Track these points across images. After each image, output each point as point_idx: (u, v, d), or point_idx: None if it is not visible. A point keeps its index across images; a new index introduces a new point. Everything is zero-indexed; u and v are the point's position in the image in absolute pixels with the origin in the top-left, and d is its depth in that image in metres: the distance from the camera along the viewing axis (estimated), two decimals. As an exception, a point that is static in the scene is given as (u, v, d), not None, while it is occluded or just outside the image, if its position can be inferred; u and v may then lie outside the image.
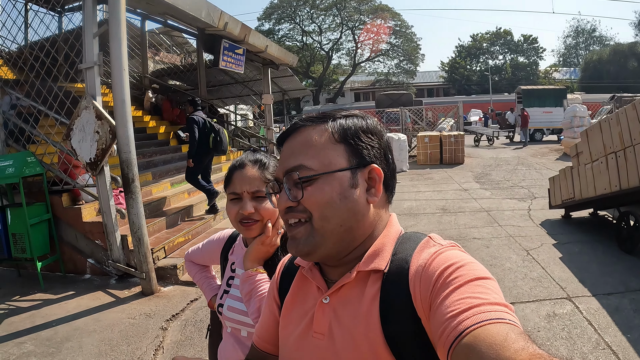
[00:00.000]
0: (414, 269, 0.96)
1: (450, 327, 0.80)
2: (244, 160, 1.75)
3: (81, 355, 4.39)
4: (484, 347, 0.72)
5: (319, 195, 1.00)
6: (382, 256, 1.03)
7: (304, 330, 1.10)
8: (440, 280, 0.89)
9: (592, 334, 4.32)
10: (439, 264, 0.92)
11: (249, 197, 1.69)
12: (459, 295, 0.84)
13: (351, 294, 1.04)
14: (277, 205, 1.09)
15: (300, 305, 1.16)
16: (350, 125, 1.07)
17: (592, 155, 7.08)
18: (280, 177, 1.07)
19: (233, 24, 10.10)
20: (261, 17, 50.08)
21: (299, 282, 1.20)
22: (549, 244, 7.11)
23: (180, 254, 6.93)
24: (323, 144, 1.04)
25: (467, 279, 0.87)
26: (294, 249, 1.05)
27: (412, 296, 0.93)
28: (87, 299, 5.85)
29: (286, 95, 20.71)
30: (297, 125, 1.10)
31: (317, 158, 1.03)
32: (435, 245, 1.01)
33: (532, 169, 14.99)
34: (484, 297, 0.83)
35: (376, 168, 1.05)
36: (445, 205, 10.29)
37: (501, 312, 0.80)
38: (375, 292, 0.99)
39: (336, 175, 1.01)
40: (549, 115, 24.95)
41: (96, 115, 5.94)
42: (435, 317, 0.86)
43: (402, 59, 51.28)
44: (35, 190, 6.80)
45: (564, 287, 5.43)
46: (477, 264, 0.92)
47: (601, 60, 49.09)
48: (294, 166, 1.03)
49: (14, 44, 8.55)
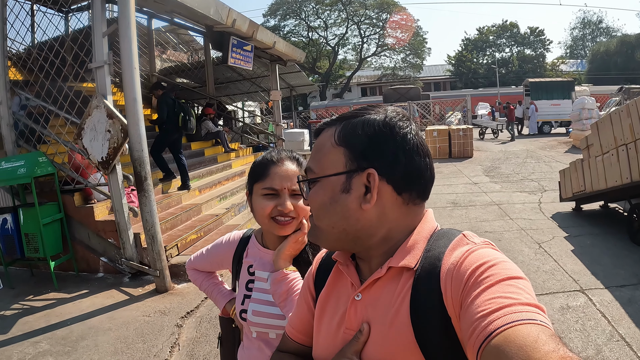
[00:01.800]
0: (445, 267, 0.95)
1: (480, 327, 0.79)
2: (282, 155, 1.69)
3: (97, 354, 4.41)
4: (514, 348, 0.72)
5: (313, 198, 1.07)
6: (413, 253, 1.02)
7: (337, 326, 1.11)
8: (471, 280, 0.88)
9: (606, 326, 4.33)
10: (470, 262, 0.92)
11: (288, 193, 1.64)
12: (490, 295, 0.83)
13: (383, 291, 1.03)
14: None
15: (334, 300, 1.16)
16: (354, 128, 1.05)
17: (602, 147, 7.05)
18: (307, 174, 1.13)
19: (241, 20, 10.09)
20: (267, 14, 50.03)
21: (334, 276, 1.20)
22: (561, 236, 7.10)
23: (193, 251, 6.91)
24: (327, 147, 1.06)
25: (499, 279, 0.86)
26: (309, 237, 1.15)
27: (443, 295, 0.92)
28: (101, 297, 5.87)
29: (294, 91, 20.72)
30: (320, 128, 1.13)
31: (319, 162, 1.07)
32: (468, 243, 1.00)
33: (541, 162, 14.94)
34: (515, 297, 0.82)
35: (372, 173, 1.00)
36: (455, 199, 10.28)
37: (533, 312, 0.79)
38: (406, 290, 0.99)
39: (330, 180, 1.04)
40: (557, 108, 24.81)
41: (107, 114, 5.96)
42: (465, 317, 0.85)
43: (408, 53, 51.11)
44: (47, 190, 6.83)
45: (577, 280, 5.44)
46: (510, 263, 0.92)
47: (608, 51, 48.69)
48: (305, 168, 1.13)
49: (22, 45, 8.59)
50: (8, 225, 6.36)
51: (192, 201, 8.87)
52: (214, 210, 8.88)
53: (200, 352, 4.43)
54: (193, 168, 10.72)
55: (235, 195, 10.10)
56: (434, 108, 22.04)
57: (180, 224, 7.72)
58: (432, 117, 21.27)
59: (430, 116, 21.31)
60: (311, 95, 48.13)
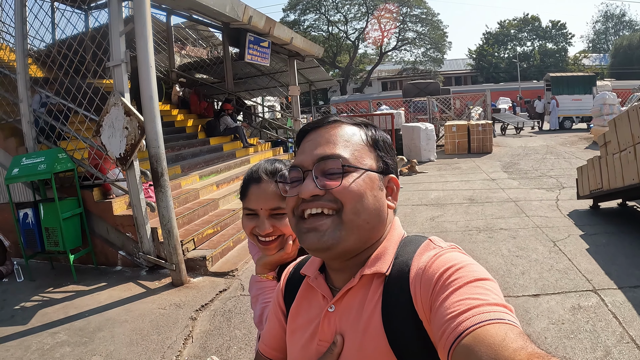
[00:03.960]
0: (414, 271, 0.98)
1: (450, 328, 0.81)
2: (260, 172, 1.58)
3: (113, 345, 4.53)
4: (483, 347, 0.74)
5: (354, 187, 1.00)
6: (384, 259, 1.04)
7: (309, 339, 1.12)
8: (440, 282, 0.90)
9: (617, 327, 4.25)
10: (438, 266, 0.94)
11: (266, 214, 1.54)
12: (458, 297, 0.85)
13: (355, 299, 1.05)
14: (300, 192, 1.03)
15: (305, 313, 1.17)
16: (380, 136, 1.12)
17: (620, 144, 6.93)
18: (306, 165, 1.05)
19: (257, 17, 10.15)
20: (286, 8, 49.92)
21: (304, 291, 1.21)
22: (576, 235, 7.00)
23: (210, 245, 7.04)
24: (359, 142, 1.07)
25: (467, 281, 0.88)
26: (316, 240, 1.01)
27: (412, 299, 0.95)
28: (118, 290, 6.00)
29: (313, 86, 20.72)
30: (330, 119, 1.11)
31: (353, 154, 1.04)
32: (435, 247, 1.02)
33: (561, 158, 14.75)
34: (483, 298, 0.84)
35: (395, 179, 1.10)
36: (472, 195, 10.22)
37: (500, 312, 0.81)
38: (377, 296, 1.01)
39: (370, 174, 1.04)
40: (579, 103, 24.39)
41: (125, 111, 6.07)
42: (435, 319, 0.87)
43: (429, 47, 50.66)
44: (67, 185, 6.98)
45: (590, 279, 5.35)
46: (477, 265, 0.94)
47: (631, 45, 47.59)
48: (330, 154, 1.03)
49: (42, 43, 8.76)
50: (29, 220, 6.53)
51: (210, 196, 8.97)
52: (231, 205, 8.96)
53: (213, 345, 4.51)
54: (211, 163, 10.86)
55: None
56: (455, 103, 21.82)
57: (197, 218, 7.82)
58: (452, 112, 21.07)
59: (451, 111, 21.11)
60: (332, 90, 47.97)
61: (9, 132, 7.71)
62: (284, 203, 1.46)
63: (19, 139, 7.46)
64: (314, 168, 1.03)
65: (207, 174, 9.98)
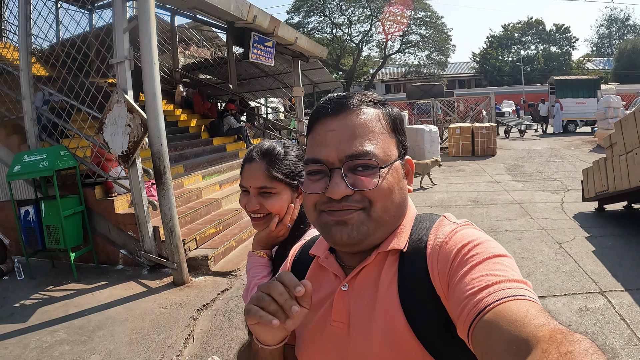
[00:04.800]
0: (430, 247, 0.96)
1: (471, 305, 0.80)
2: (253, 152, 1.67)
3: (113, 343, 4.49)
4: (505, 323, 0.73)
5: (385, 185, 0.97)
6: (400, 237, 1.02)
7: (322, 320, 1.08)
8: (458, 258, 0.89)
9: (625, 330, 4.22)
10: (456, 241, 0.93)
11: (254, 192, 1.63)
12: (477, 273, 0.84)
13: (369, 277, 1.02)
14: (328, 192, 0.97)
15: (315, 294, 1.08)
16: (396, 114, 1.07)
17: (626, 146, 6.90)
18: (332, 161, 0.99)
19: (262, 16, 10.13)
20: (290, 10, 50.02)
21: (314, 271, 1.18)
22: (582, 237, 6.97)
23: (212, 245, 7.01)
24: (382, 131, 1.02)
25: (485, 257, 0.87)
26: (344, 235, 0.98)
27: (430, 274, 0.93)
28: (119, 289, 5.97)
29: (317, 87, 20.77)
30: (352, 104, 1.03)
31: (380, 147, 1.00)
32: (450, 223, 1.01)
33: (565, 161, 14.70)
34: (502, 274, 0.83)
35: (410, 160, 1.08)
36: (476, 197, 10.18)
37: (521, 289, 0.80)
38: (393, 273, 0.99)
39: (396, 165, 1.01)
40: (583, 106, 24.35)
41: (128, 108, 6.05)
42: (454, 295, 0.86)
43: (432, 50, 50.64)
44: (69, 183, 6.96)
45: (597, 281, 5.32)
46: (494, 242, 0.92)
47: (635, 49, 47.57)
48: (361, 152, 0.97)
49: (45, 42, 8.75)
50: (30, 217, 6.51)
51: (212, 195, 8.94)
52: (233, 205, 8.92)
53: (214, 344, 4.47)
54: (214, 163, 10.86)
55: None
56: (458, 106, 21.80)
57: (199, 218, 7.79)
58: (455, 115, 21.04)
59: (454, 114, 21.09)
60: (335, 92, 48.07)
61: (11, 129, 7.72)
62: (270, 183, 1.58)
63: (22, 137, 7.45)
64: (344, 166, 0.97)
65: (210, 174, 9.97)
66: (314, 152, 1.02)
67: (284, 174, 1.60)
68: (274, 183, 1.60)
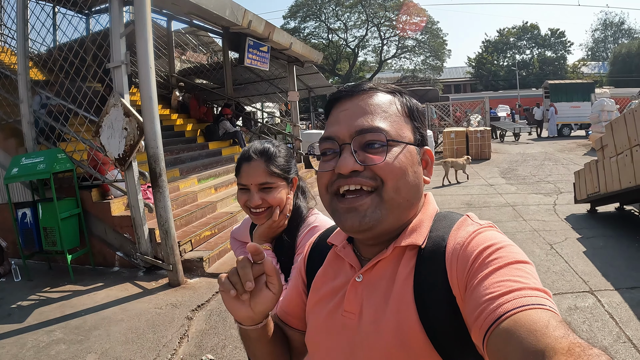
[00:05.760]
0: (451, 246, 0.94)
1: (489, 310, 0.78)
2: (250, 152, 1.81)
3: (109, 343, 4.55)
4: (524, 332, 0.71)
5: (396, 164, 0.96)
6: (419, 232, 1.00)
7: (333, 309, 1.08)
8: (478, 260, 0.87)
9: (613, 327, 4.28)
10: (477, 243, 0.91)
11: (256, 189, 1.76)
12: (498, 278, 0.82)
13: (385, 271, 1.01)
14: (337, 167, 0.98)
15: (330, 283, 1.13)
16: (414, 104, 1.07)
17: (617, 148, 6.96)
18: (343, 137, 1.00)
19: (257, 22, 10.22)
20: (287, 15, 50.17)
21: (330, 261, 1.18)
22: (573, 238, 7.04)
23: (207, 247, 7.07)
24: (396, 113, 1.02)
25: (507, 262, 0.85)
26: (356, 222, 0.97)
27: (447, 274, 0.91)
28: (115, 290, 6.03)
29: (312, 92, 20.78)
30: (366, 87, 1.05)
31: (392, 126, 0.99)
32: (473, 224, 0.99)
33: (559, 164, 14.81)
34: (524, 281, 0.80)
35: (429, 151, 1.06)
36: (470, 200, 10.26)
37: (542, 298, 0.78)
38: (410, 269, 0.97)
39: (409, 148, 1.00)
40: (577, 110, 24.48)
41: (124, 112, 6.12)
42: (471, 298, 0.84)
43: (428, 55, 50.84)
44: (66, 185, 7.01)
45: (587, 281, 5.38)
46: (516, 247, 0.90)
47: (630, 53, 47.60)
48: (371, 126, 0.98)
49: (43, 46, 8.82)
50: (27, 219, 6.57)
51: (208, 199, 9.01)
52: (229, 208, 9.01)
53: (208, 343, 4.53)
54: (210, 167, 10.89)
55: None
56: (454, 110, 21.88)
57: (195, 220, 7.86)
58: (450, 119, 21.12)
59: (449, 118, 21.16)
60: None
61: (9, 132, 7.77)
62: (270, 178, 1.72)
63: (19, 140, 7.51)
64: (353, 141, 0.98)
65: (206, 177, 10.03)
66: (327, 131, 1.04)
67: (280, 169, 1.78)
68: (273, 178, 1.77)
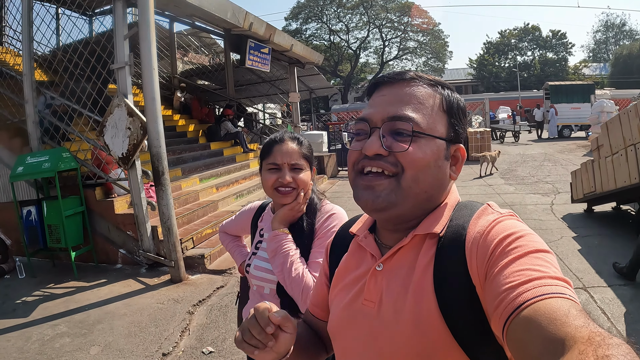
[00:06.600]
0: (471, 235, 0.95)
1: (509, 299, 0.78)
2: (284, 135, 1.95)
3: (112, 336, 4.67)
4: (545, 321, 0.71)
5: (420, 155, 0.98)
6: (438, 221, 1.02)
7: (354, 298, 1.10)
8: (498, 249, 0.87)
9: (605, 322, 4.34)
10: (497, 232, 0.91)
11: (288, 167, 1.88)
12: (518, 266, 0.82)
13: (405, 259, 1.03)
14: (364, 148, 1.02)
15: (352, 272, 1.15)
16: (456, 100, 1.08)
17: (612, 147, 7.04)
18: (375, 121, 1.03)
19: (258, 24, 10.33)
20: (288, 17, 50.24)
21: (353, 250, 1.20)
22: (569, 236, 7.11)
23: (208, 244, 7.19)
24: (432, 106, 1.03)
25: (527, 250, 0.85)
26: (370, 199, 1.00)
27: (467, 263, 0.92)
28: (118, 286, 6.15)
29: (313, 93, 20.83)
30: (408, 76, 1.06)
31: (425, 118, 1.00)
32: (493, 212, 1.00)
33: (558, 165, 14.88)
34: (544, 270, 0.81)
35: (462, 149, 1.07)
36: (468, 200, 10.27)
37: (562, 287, 0.78)
38: (430, 257, 0.98)
39: (437, 142, 1.01)
40: (577, 111, 24.50)
41: (128, 112, 6.24)
42: (491, 287, 0.84)
43: (430, 57, 50.90)
44: (70, 184, 7.10)
45: (580, 278, 5.45)
46: (537, 236, 0.90)
47: (631, 55, 47.24)
48: (402, 115, 0.99)
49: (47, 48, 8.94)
50: (32, 217, 6.68)
51: (209, 198, 9.12)
52: (230, 207, 9.12)
53: (209, 337, 4.65)
54: (212, 167, 11.01)
55: (252, 193, 10.32)
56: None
57: (196, 219, 7.97)
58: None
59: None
60: (333, 99, 48.14)
61: (14, 132, 7.88)
62: (301, 160, 1.88)
63: (24, 139, 7.62)
64: (383, 126, 1.01)
65: (207, 177, 10.15)
66: (363, 113, 1.07)
67: (309, 153, 1.95)
68: (303, 161, 1.91)
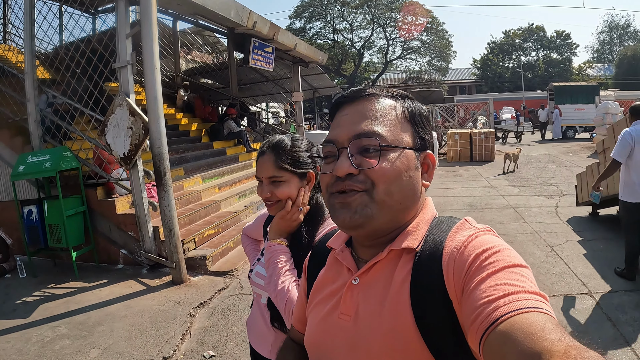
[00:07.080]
0: (448, 250, 0.95)
1: (486, 313, 0.78)
2: (264, 146, 1.89)
3: (112, 338, 4.62)
4: (521, 335, 0.72)
5: (389, 168, 0.98)
6: (415, 235, 1.01)
7: (330, 311, 1.09)
8: (475, 264, 0.88)
9: (610, 329, 4.31)
10: (474, 247, 0.91)
11: (267, 182, 1.83)
12: (495, 281, 0.82)
13: (382, 274, 1.02)
14: (334, 170, 1.01)
15: (329, 286, 1.15)
16: (417, 109, 1.08)
17: (618, 150, 6.98)
18: (342, 141, 1.03)
19: (262, 23, 10.29)
20: (292, 16, 50.17)
21: (330, 264, 1.20)
22: (574, 240, 7.06)
23: (210, 245, 7.14)
24: (396, 118, 1.03)
25: (504, 265, 0.85)
26: (347, 216, 1.00)
27: (444, 277, 0.92)
28: (119, 287, 6.10)
29: (317, 92, 20.83)
30: (366, 92, 1.06)
31: (390, 131, 1.01)
32: (471, 228, 1.00)
33: (562, 167, 14.82)
34: (520, 284, 0.81)
35: (431, 155, 1.07)
36: (472, 201, 10.28)
37: (538, 301, 0.78)
38: (406, 272, 0.98)
39: (406, 153, 1.01)
40: (582, 112, 24.39)
41: (130, 111, 6.18)
42: (468, 301, 0.84)
43: (433, 56, 50.73)
44: (71, 183, 7.08)
45: (586, 283, 5.40)
46: (513, 251, 0.91)
47: (636, 56, 47.22)
48: (368, 131, 1.00)
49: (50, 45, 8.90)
50: (33, 216, 6.64)
51: (212, 198, 9.07)
52: (232, 207, 9.07)
53: (210, 340, 4.60)
54: (214, 166, 10.95)
55: (254, 193, 10.16)
56: (459, 112, 21.88)
57: (199, 219, 7.92)
58: (455, 121, 21.13)
59: (454, 120, 21.17)
60: (337, 98, 48.09)
61: (15, 130, 7.85)
62: (279, 172, 1.78)
63: (25, 138, 7.58)
64: (350, 145, 1.01)
65: (210, 177, 10.10)
66: (328, 135, 1.07)
67: (290, 164, 1.82)
68: (282, 172, 1.81)
